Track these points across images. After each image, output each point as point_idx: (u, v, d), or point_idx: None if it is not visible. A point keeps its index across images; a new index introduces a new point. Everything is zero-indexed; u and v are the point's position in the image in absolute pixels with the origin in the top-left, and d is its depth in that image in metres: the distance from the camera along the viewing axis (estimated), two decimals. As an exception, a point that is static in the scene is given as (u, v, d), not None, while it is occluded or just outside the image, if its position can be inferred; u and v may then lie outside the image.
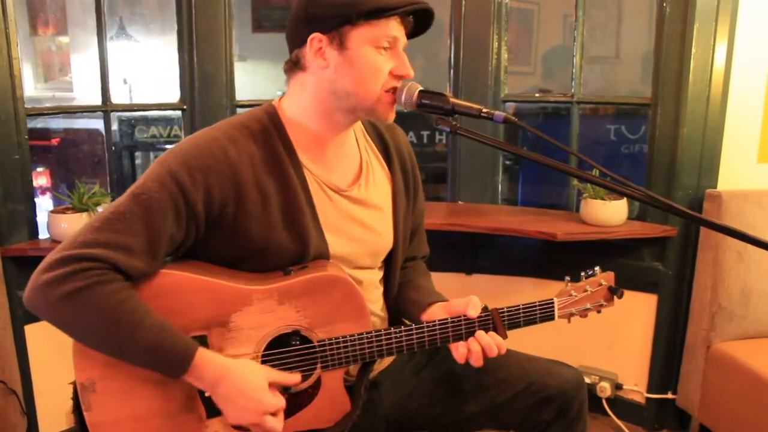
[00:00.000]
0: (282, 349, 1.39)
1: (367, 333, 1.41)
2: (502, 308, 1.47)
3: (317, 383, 1.42)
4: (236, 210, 1.35)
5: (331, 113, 1.43)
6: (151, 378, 1.32)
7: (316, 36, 1.36)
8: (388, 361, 1.63)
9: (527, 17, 4.89)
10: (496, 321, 1.45)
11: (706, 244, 2.43)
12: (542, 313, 1.50)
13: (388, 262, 1.61)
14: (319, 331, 1.40)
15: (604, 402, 2.73)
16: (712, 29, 2.38)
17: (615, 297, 1.56)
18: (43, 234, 2.42)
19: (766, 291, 2.36)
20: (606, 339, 2.73)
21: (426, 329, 1.44)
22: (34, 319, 2.36)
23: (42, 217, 2.44)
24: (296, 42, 1.41)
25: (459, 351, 1.44)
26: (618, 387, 2.73)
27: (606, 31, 4.62)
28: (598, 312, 1.56)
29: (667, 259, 2.57)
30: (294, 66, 1.44)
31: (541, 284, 2.78)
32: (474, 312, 1.44)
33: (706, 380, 2.43)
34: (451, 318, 1.45)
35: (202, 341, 1.33)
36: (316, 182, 1.46)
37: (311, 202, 1.44)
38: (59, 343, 2.44)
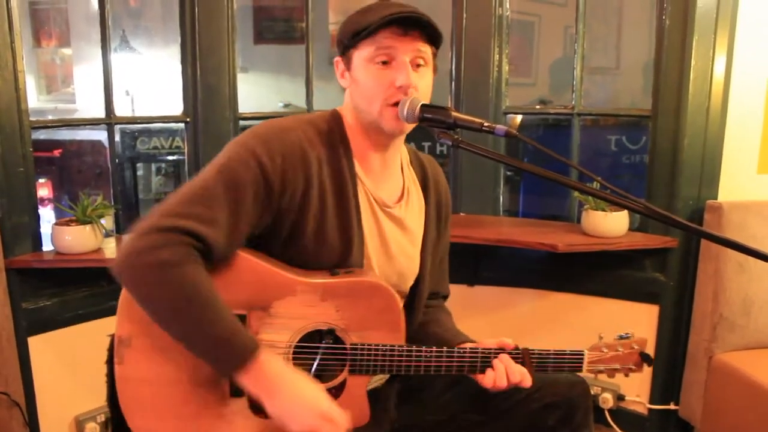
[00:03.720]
0: (314, 344, 1.40)
1: (399, 346, 1.43)
2: (533, 349, 1.49)
3: (342, 385, 1.43)
4: (301, 200, 1.41)
5: (365, 128, 1.50)
6: None
7: (337, 60, 1.51)
8: None
9: (528, 29, 4.91)
10: (525, 359, 1.47)
11: (707, 255, 2.44)
12: (571, 363, 1.52)
13: (413, 291, 1.62)
14: (353, 335, 1.42)
15: (606, 413, 2.72)
16: (711, 40, 2.40)
17: (645, 364, 1.56)
18: (46, 246, 2.42)
19: (767, 302, 2.36)
20: (608, 350, 2.72)
21: (456, 355, 1.45)
22: (38, 330, 2.37)
23: (45, 229, 2.45)
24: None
25: (487, 376, 1.45)
26: (620, 398, 2.73)
27: (606, 42, 4.64)
28: (626, 375, 1.57)
29: (668, 269, 2.57)
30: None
31: (543, 296, 2.79)
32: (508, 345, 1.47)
33: (709, 391, 2.43)
34: (483, 348, 1.47)
35: (241, 320, 1.35)
36: (365, 193, 1.50)
37: (359, 211, 1.48)
38: (62, 355, 2.46)
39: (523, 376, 1.44)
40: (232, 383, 1.36)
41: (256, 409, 1.38)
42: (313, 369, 1.40)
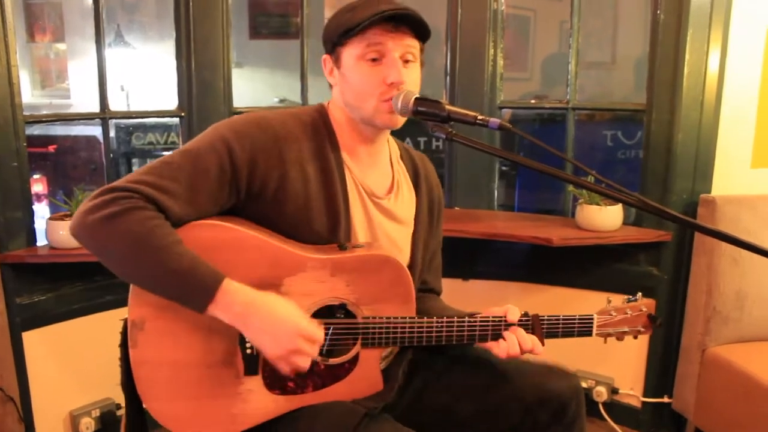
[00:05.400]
0: (327, 320, 1.41)
1: (410, 318, 1.45)
2: (543, 315, 1.52)
3: (355, 359, 1.45)
4: (277, 188, 1.42)
5: (354, 122, 1.52)
6: (198, 325, 1.36)
7: (325, 57, 1.53)
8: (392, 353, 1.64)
9: (523, 24, 4.91)
10: (535, 326, 1.50)
11: (700, 249, 2.45)
12: (581, 328, 1.57)
13: None
14: (365, 308, 1.44)
15: (600, 406, 2.74)
16: (705, 35, 2.41)
17: (653, 325, 1.59)
18: (40, 241, 2.42)
19: (760, 295, 2.37)
20: (602, 343, 2.72)
21: (467, 324, 1.48)
22: (32, 325, 2.37)
23: (39, 224, 2.44)
24: None
25: (501, 346, 1.48)
26: (614, 391, 2.74)
27: (602, 37, 4.64)
28: (635, 337, 1.61)
29: (662, 263, 2.58)
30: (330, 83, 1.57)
31: (537, 289, 2.80)
32: (514, 317, 1.49)
33: (702, 384, 2.44)
34: (493, 317, 1.49)
35: None
36: (354, 182, 1.52)
37: (346, 198, 1.50)
38: (57, 350, 2.46)
39: (534, 344, 1.48)
40: (245, 362, 1.39)
41: (271, 385, 1.41)
42: (324, 346, 1.41)
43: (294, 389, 1.43)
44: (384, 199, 1.57)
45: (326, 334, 1.40)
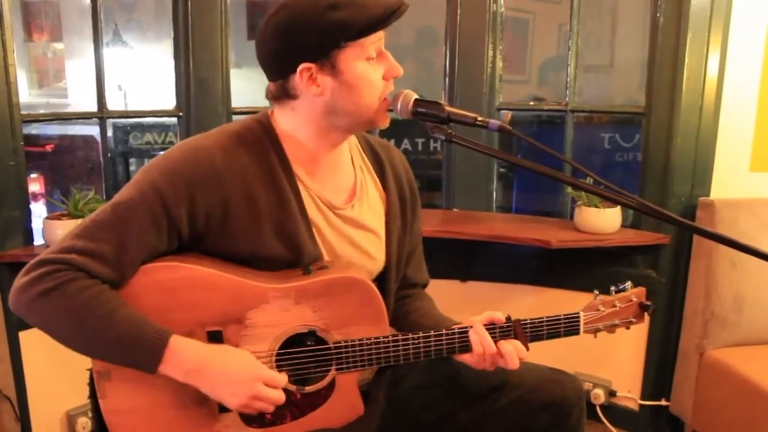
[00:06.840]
0: (296, 349, 1.38)
1: (383, 337, 1.41)
2: (525, 320, 1.45)
3: (331, 384, 1.41)
4: (222, 221, 1.34)
5: (327, 131, 1.42)
6: None
7: (305, 66, 1.33)
8: None
9: (522, 26, 4.91)
10: (518, 331, 1.44)
11: (699, 252, 2.45)
12: (567, 327, 1.48)
13: (382, 282, 1.57)
14: (336, 333, 1.39)
15: (597, 409, 2.73)
16: (705, 39, 2.40)
17: (646, 314, 1.52)
18: (38, 240, 2.41)
19: (758, 298, 2.37)
20: (600, 346, 2.71)
21: (445, 336, 1.43)
22: (29, 325, 2.35)
23: (36, 224, 2.44)
24: (280, 74, 1.38)
25: (486, 359, 1.42)
26: (612, 394, 2.74)
27: (601, 39, 4.65)
28: (627, 328, 1.52)
29: (660, 266, 2.58)
30: (283, 95, 1.40)
31: (536, 291, 2.79)
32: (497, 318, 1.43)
33: (700, 387, 2.44)
34: (470, 326, 1.44)
35: (217, 336, 1.34)
36: (310, 196, 1.44)
37: (306, 216, 1.42)
38: (54, 350, 2.44)
39: (516, 347, 1.41)
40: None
41: (248, 420, 1.38)
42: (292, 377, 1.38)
43: (272, 421, 1.39)
44: (346, 209, 1.48)
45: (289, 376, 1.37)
